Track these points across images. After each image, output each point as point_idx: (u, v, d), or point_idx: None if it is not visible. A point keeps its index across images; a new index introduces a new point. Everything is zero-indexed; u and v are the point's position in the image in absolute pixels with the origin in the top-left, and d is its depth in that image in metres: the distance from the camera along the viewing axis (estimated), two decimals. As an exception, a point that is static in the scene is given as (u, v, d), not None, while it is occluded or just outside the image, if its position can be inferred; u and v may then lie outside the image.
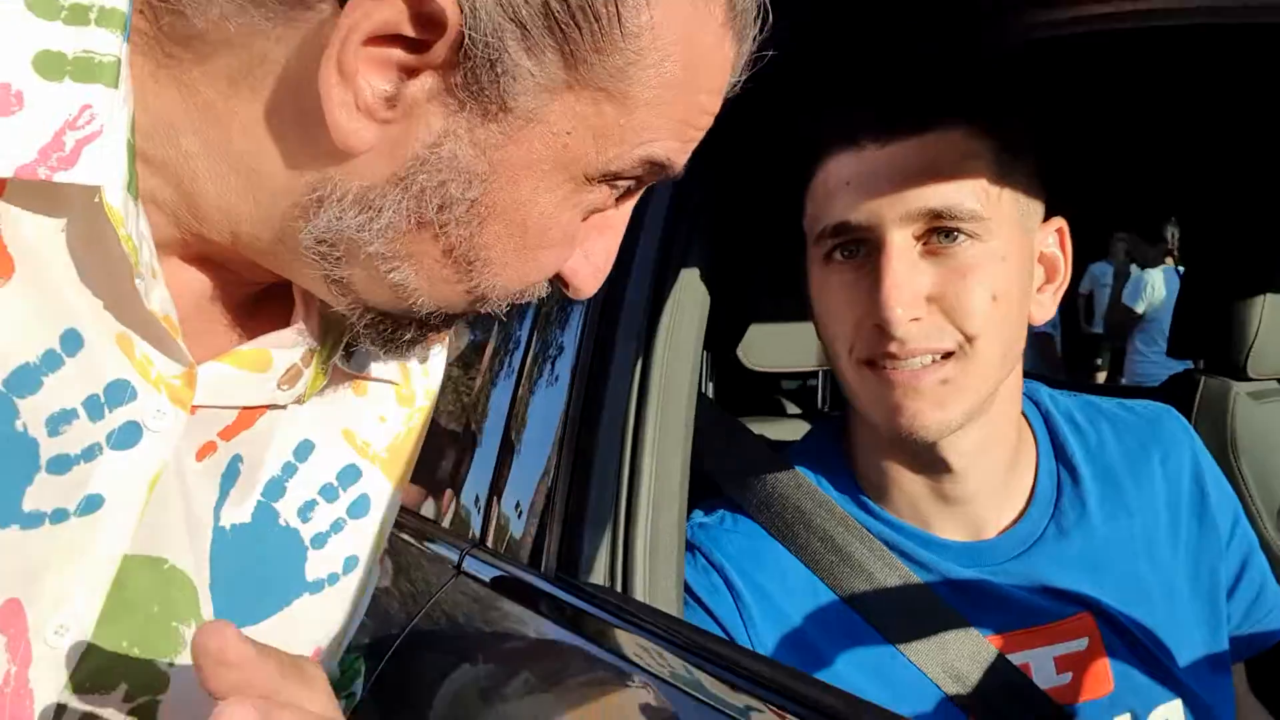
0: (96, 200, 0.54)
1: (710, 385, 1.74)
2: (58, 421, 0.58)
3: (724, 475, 1.07)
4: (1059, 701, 0.96)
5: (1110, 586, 1.01)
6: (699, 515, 1.06)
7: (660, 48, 0.56)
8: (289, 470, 0.73)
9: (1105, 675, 0.99)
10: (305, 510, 0.74)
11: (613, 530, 0.96)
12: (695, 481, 1.03)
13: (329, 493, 0.76)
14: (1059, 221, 1.01)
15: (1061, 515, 1.03)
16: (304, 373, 0.70)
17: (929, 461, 0.99)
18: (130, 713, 0.66)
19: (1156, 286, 5.91)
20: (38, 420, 0.57)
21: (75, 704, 0.63)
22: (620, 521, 0.96)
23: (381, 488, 0.79)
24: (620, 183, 0.61)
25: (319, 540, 0.75)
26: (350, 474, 0.77)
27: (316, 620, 0.77)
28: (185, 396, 0.63)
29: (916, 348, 0.90)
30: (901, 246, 0.90)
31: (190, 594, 0.67)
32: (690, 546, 1.02)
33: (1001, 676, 0.96)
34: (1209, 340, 1.69)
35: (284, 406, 0.71)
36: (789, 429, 1.36)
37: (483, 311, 0.65)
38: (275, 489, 0.72)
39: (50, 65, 0.54)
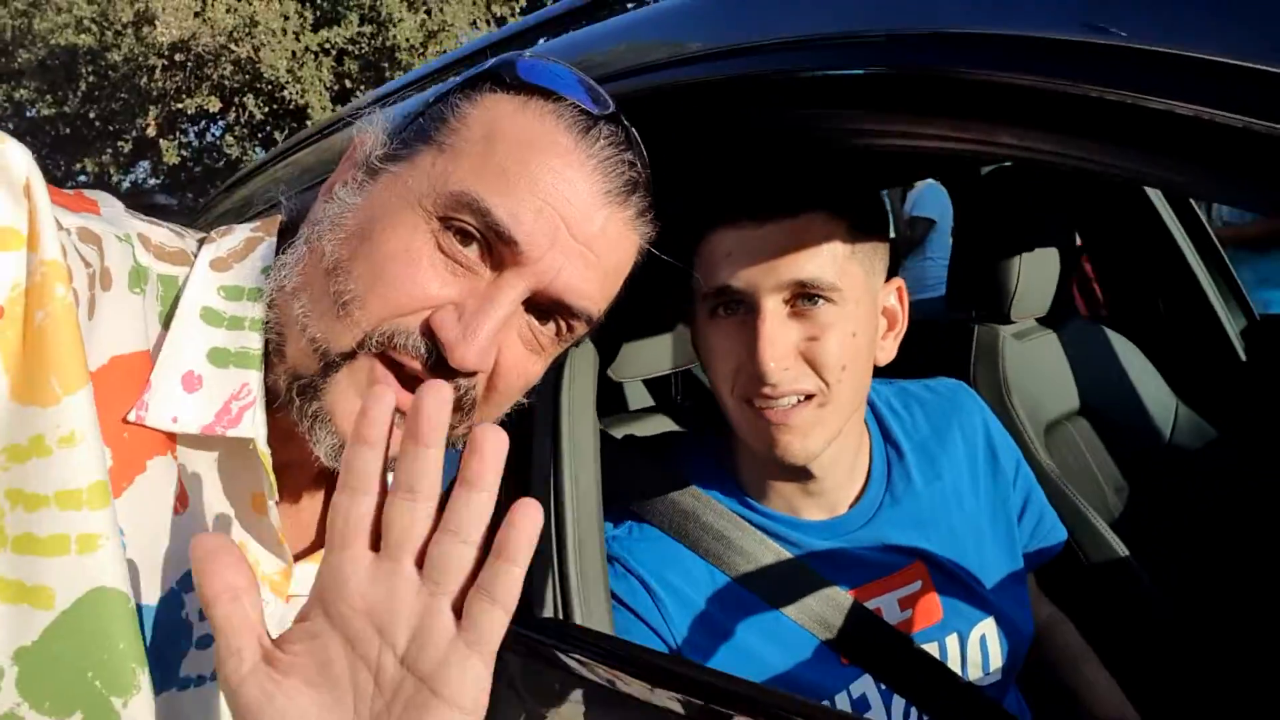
0: (251, 447, 0.76)
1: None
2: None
3: (627, 491, 1.24)
4: (904, 633, 1.19)
5: (934, 537, 1.24)
6: (610, 529, 1.22)
7: (473, 128, 0.80)
8: None
9: (936, 607, 1.21)
10: None
11: (553, 557, 1.12)
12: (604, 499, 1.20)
13: None
14: (898, 281, 1.20)
15: (893, 487, 1.26)
16: None
17: (797, 472, 1.18)
18: None
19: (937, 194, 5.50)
20: (194, 609, 0.77)
21: None
22: (553, 552, 1.12)
23: None
24: (456, 223, 0.77)
25: None
26: None
27: None
28: (283, 589, 0.83)
29: (785, 390, 1.08)
30: (773, 309, 1.07)
31: None
32: (610, 559, 1.18)
33: (860, 620, 1.17)
34: (979, 293, 1.90)
35: None
36: (652, 424, 1.54)
37: (367, 351, 0.77)
38: None
39: (219, 357, 0.77)
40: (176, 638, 0.77)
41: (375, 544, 0.65)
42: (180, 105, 12.15)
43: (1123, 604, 1.65)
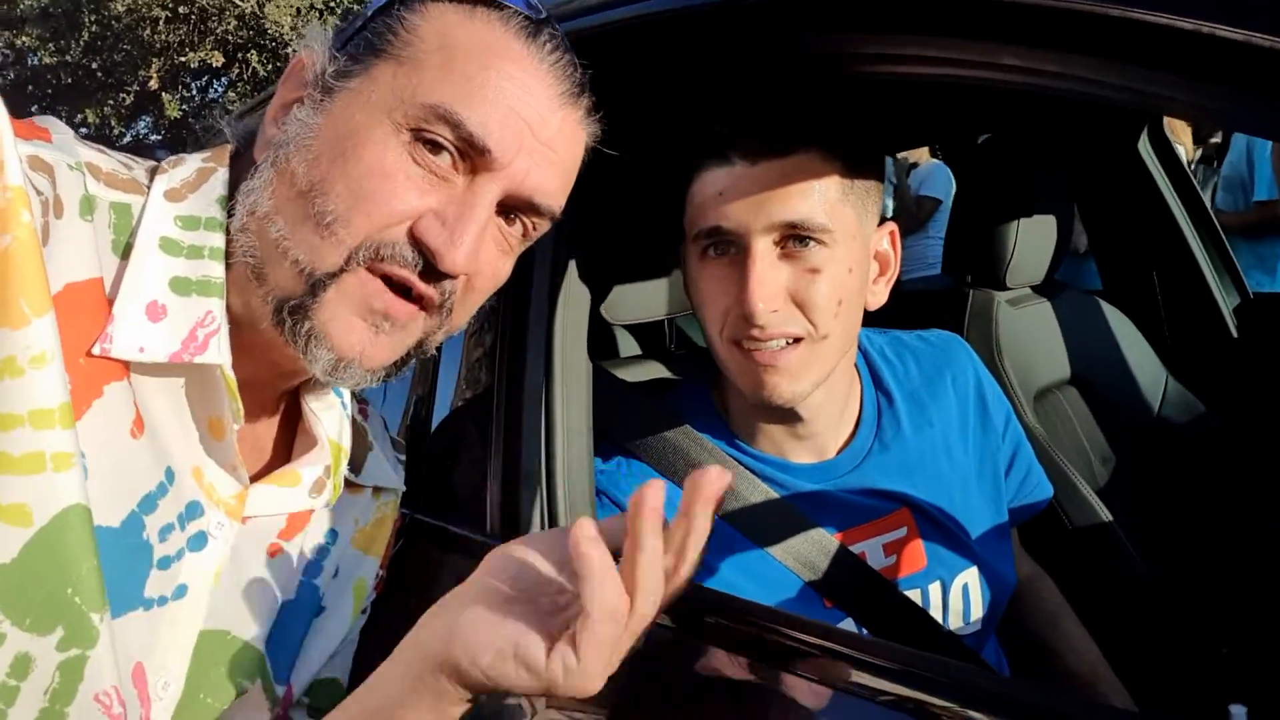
0: (218, 373, 0.79)
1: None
2: (165, 532, 0.80)
3: (617, 428, 1.24)
4: (888, 578, 1.20)
5: (921, 484, 1.25)
6: (599, 464, 1.23)
7: (427, 39, 0.81)
8: (323, 552, 0.97)
9: (920, 554, 1.22)
10: (330, 577, 0.99)
11: (542, 489, 1.12)
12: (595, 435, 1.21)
13: (333, 563, 1.00)
14: (891, 225, 1.20)
15: (882, 433, 1.27)
16: (327, 483, 0.93)
17: (785, 414, 1.19)
18: None
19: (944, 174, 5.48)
20: (154, 531, 0.80)
21: None
22: (542, 482, 1.13)
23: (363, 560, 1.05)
24: (427, 135, 0.79)
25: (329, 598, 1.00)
26: (353, 555, 1.02)
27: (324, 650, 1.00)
28: (238, 511, 0.86)
29: (774, 332, 1.08)
30: (763, 250, 1.07)
31: (250, 657, 0.88)
32: (598, 492, 1.19)
33: (844, 563, 1.18)
34: (975, 259, 1.91)
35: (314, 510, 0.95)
36: (644, 371, 1.54)
37: (355, 266, 0.79)
38: (314, 568, 0.96)
39: (181, 285, 0.79)
40: (138, 559, 0.79)
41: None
42: (183, 59, 12.10)
43: (1104, 567, 1.67)
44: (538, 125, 0.82)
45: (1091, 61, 0.63)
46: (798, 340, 1.10)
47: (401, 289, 0.81)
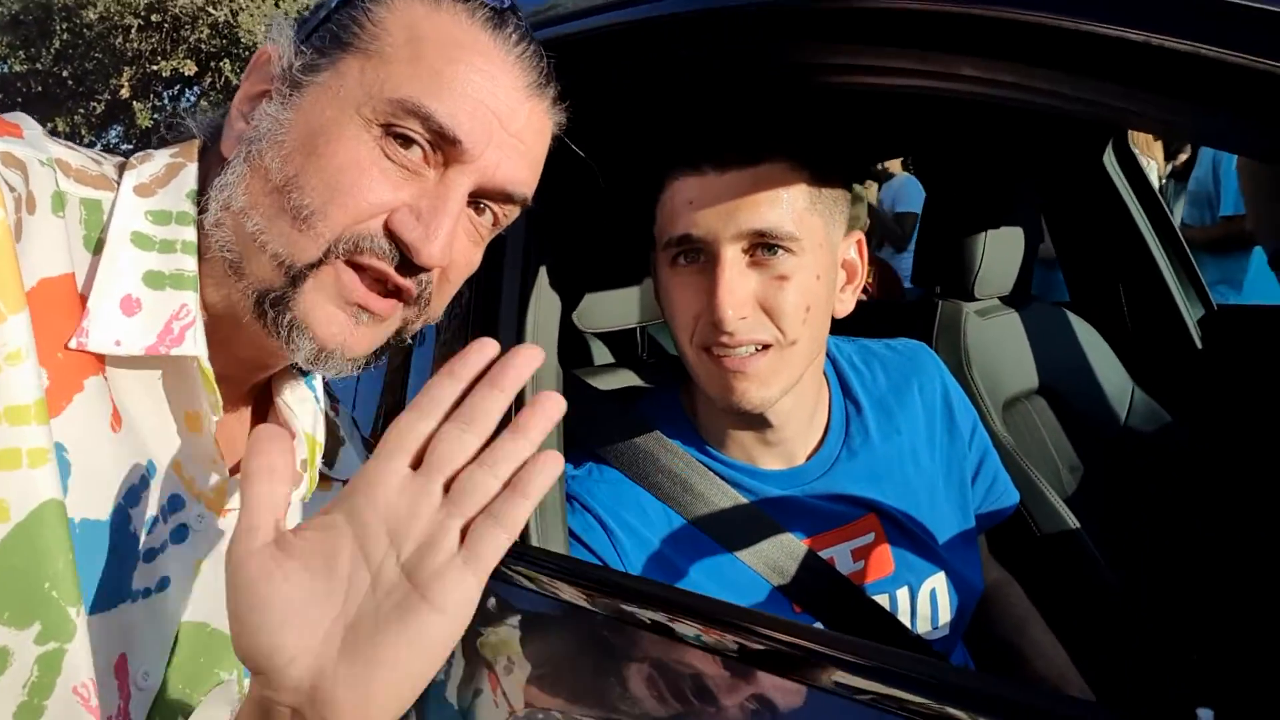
0: (194, 365, 0.80)
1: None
2: (149, 525, 0.80)
3: (587, 435, 1.25)
4: (856, 583, 1.21)
5: (889, 490, 1.26)
6: (570, 469, 1.23)
7: (394, 32, 0.82)
8: None
9: (888, 559, 1.24)
10: None
11: None
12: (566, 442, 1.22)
13: None
14: (857, 234, 1.22)
15: (851, 440, 1.28)
16: (304, 476, 0.93)
17: (754, 421, 1.20)
18: None
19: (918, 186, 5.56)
20: (140, 524, 0.80)
21: None
22: None
23: None
24: (398, 129, 0.80)
25: None
26: None
27: None
28: (219, 504, 0.86)
29: (743, 339, 1.10)
30: (732, 258, 1.09)
31: (229, 648, 0.87)
32: (568, 498, 1.20)
33: (812, 569, 1.19)
34: (944, 270, 1.94)
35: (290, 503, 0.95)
36: (616, 379, 1.55)
37: (333, 259, 0.80)
38: None
39: (154, 280, 0.80)
40: (124, 552, 0.79)
41: (417, 464, 0.67)
42: (155, 68, 12.02)
43: (1071, 573, 1.68)
44: (507, 117, 0.83)
45: (1050, 74, 0.65)
46: (766, 347, 1.11)
47: (379, 282, 0.82)
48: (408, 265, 0.81)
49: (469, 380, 0.68)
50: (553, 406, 0.68)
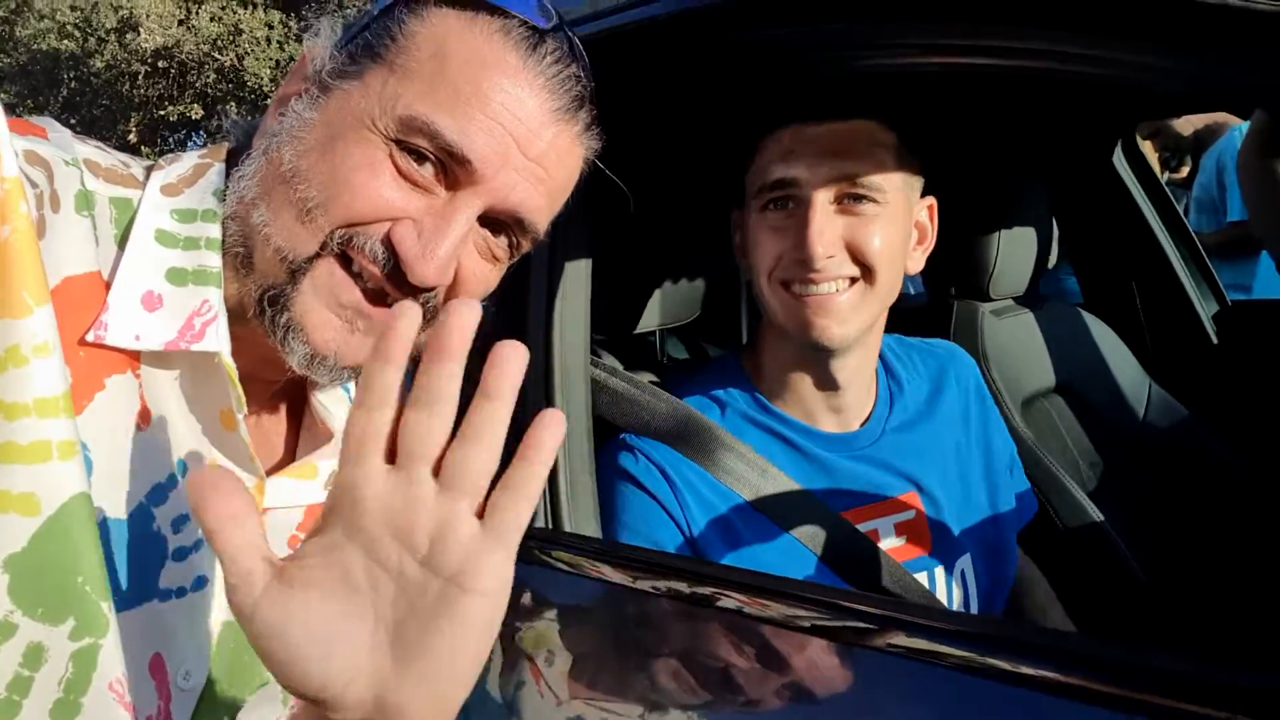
0: (216, 361, 0.79)
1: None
2: (178, 523, 0.80)
3: (640, 426, 1.28)
4: (896, 559, 1.23)
5: (929, 470, 1.29)
6: (630, 439, 1.27)
7: (423, 47, 0.81)
8: None
9: (926, 537, 1.27)
10: None
11: (545, 492, 1.15)
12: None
13: None
14: (931, 200, 1.29)
15: (894, 416, 1.32)
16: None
17: (823, 378, 1.26)
18: None
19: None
20: (166, 522, 0.79)
21: None
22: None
23: None
24: (409, 145, 0.79)
25: None
26: None
27: None
28: (256, 503, 0.83)
29: (830, 275, 1.16)
30: (823, 202, 1.16)
31: None
32: (628, 447, 1.24)
33: (852, 542, 1.22)
34: (959, 271, 1.95)
35: None
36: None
37: (327, 253, 0.79)
38: None
39: (177, 276, 0.79)
40: (151, 551, 0.78)
41: (391, 458, 0.63)
42: (162, 113, 12.13)
43: (1097, 567, 1.69)
44: (525, 140, 0.81)
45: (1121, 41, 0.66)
46: (852, 281, 1.18)
47: (378, 293, 0.80)
48: (401, 276, 0.79)
49: (403, 358, 0.62)
50: (514, 359, 0.62)
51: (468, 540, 0.62)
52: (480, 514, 0.63)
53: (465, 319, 0.61)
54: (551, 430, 0.63)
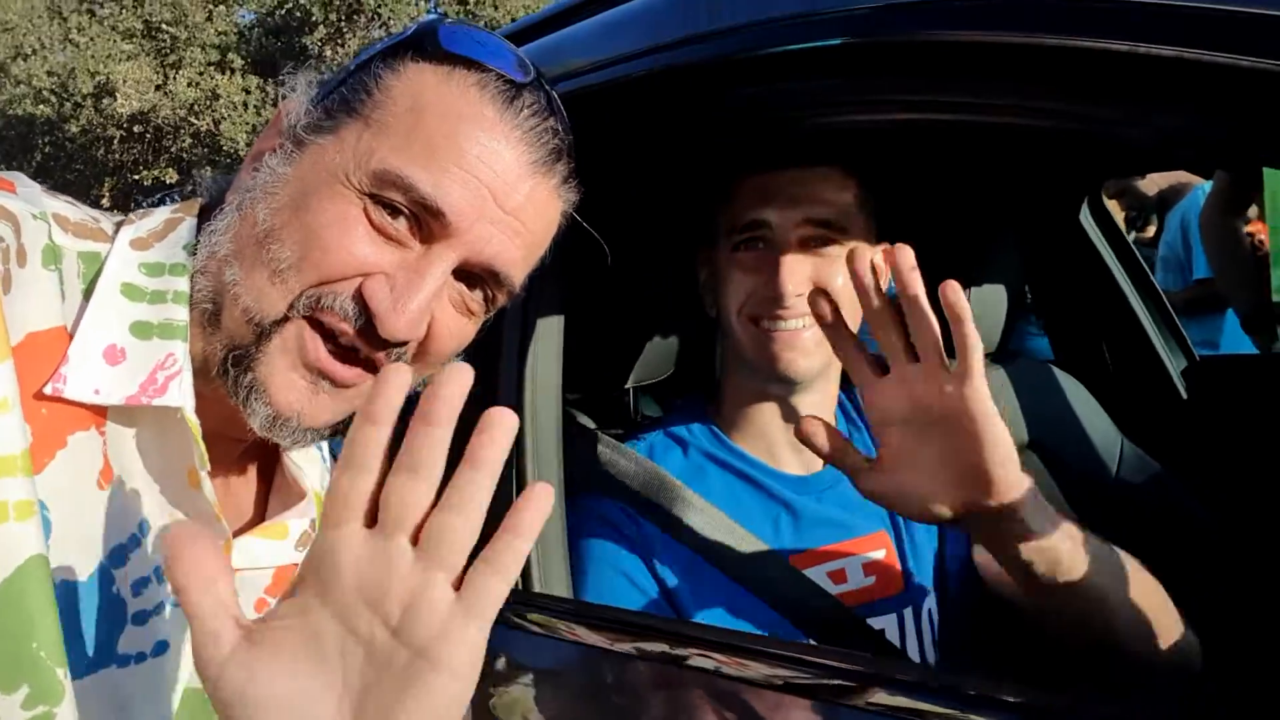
0: (179, 417, 0.76)
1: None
2: (139, 585, 0.78)
3: (607, 486, 1.29)
4: (865, 599, 1.24)
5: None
6: (594, 500, 1.28)
7: (399, 101, 0.81)
8: None
9: (897, 577, 1.27)
10: None
11: None
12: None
13: None
14: (885, 245, 1.29)
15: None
16: (313, 536, 0.88)
17: (787, 411, 1.29)
18: None
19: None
20: (126, 585, 0.77)
21: None
22: None
23: None
24: (383, 199, 0.78)
25: None
26: None
27: None
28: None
29: (797, 312, 1.22)
30: (795, 243, 1.23)
31: None
32: (593, 508, 1.25)
33: (803, 590, 1.22)
34: None
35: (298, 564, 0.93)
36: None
37: (296, 315, 0.78)
38: None
39: (141, 330, 0.78)
40: (110, 615, 0.76)
41: (371, 522, 0.62)
42: (137, 177, 12.14)
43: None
44: (502, 193, 0.81)
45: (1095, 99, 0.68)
46: (817, 319, 1.19)
47: (349, 350, 0.80)
48: (373, 332, 0.78)
49: (390, 421, 0.62)
50: (503, 427, 0.62)
51: (442, 612, 0.60)
52: (457, 586, 0.61)
53: (457, 385, 0.61)
54: (538, 505, 0.62)
